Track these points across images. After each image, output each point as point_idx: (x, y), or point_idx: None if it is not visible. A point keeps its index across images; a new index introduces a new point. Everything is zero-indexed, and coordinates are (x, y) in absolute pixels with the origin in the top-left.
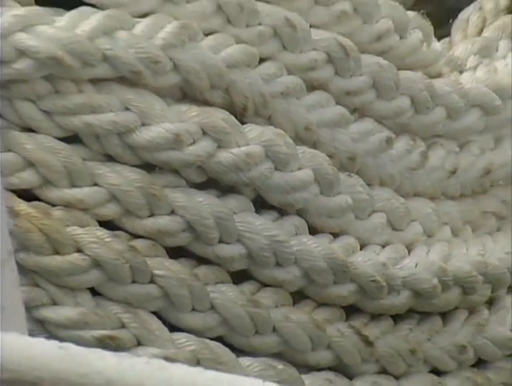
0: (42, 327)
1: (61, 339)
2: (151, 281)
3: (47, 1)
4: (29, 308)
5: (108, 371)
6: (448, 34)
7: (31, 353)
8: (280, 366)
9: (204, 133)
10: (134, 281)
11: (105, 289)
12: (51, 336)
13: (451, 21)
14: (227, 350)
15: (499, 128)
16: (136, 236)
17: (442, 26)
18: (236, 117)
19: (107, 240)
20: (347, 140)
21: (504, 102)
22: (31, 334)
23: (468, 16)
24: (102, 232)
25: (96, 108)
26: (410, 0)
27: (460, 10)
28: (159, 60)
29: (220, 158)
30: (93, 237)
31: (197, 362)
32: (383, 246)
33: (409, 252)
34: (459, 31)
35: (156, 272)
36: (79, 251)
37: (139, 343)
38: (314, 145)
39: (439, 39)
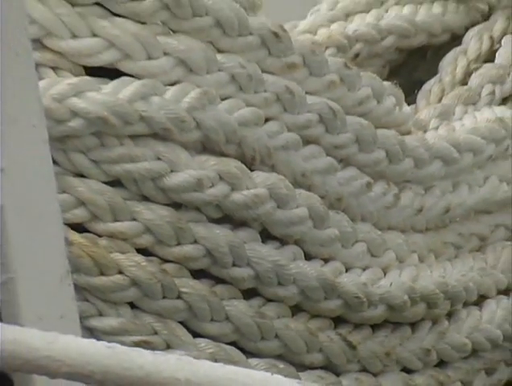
0: (90, 334)
1: None
2: (178, 297)
3: (95, 72)
4: (80, 318)
5: (147, 366)
6: (414, 102)
7: (85, 351)
8: (281, 365)
9: (221, 178)
10: (164, 297)
11: (141, 303)
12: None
13: (416, 91)
14: (239, 352)
15: (457, 175)
16: (166, 261)
17: (409, 95)
18: (246, 166)
19: (143, 264)
20: (335, 184)
21: (460, 155)
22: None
23: (430, 87)
24: (139, 258)
25: (134, 158)
26: (384, 73)
27: (423, 82)
28: (185, 120)
29: (234, 198)
30: (132, 262)
31: (215, 362)
32: (364, 269)
33: (384, 275)
34: (423, 99)
35: (182, 289)
36: (120, 273)
37: (168, 347)
38: (309, 188)
39: (407, 105)
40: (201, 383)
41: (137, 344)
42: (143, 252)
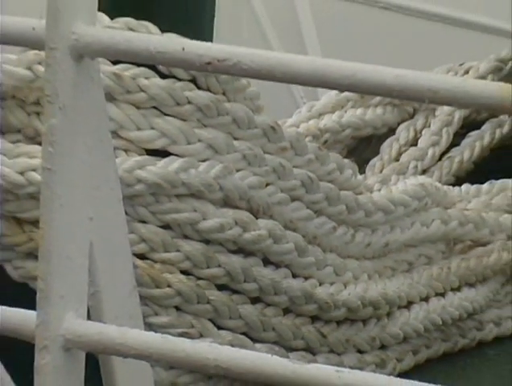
0: (150, 328)
1: None
2: (207, 303)
3: (152, 152)
4: (143, 317)
5: (187, 349)
6: (364, 172)
7: (146, 340)
8: (277, 348)
9: (236, 223)
10: (198, 303)
11: (183, 306)
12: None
13: (365, 165)
14: (248, 340)
15: (393, 221)
16: (199, 278)
17: (360, 168)
18: (253, 215)
19: (184, 280)
20: (312, 227)
21: (395, 208)
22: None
23: (375, 163)
24: (182, 276)
25: (178, 210)
26: (344, 153)
27: (370, 160)
28: (212, 185)
29: (245, 236)
30: (177, 279)
31: (232, 346)
32: (331, 284)
33: (345, 287)
34: (370, 171)
35: (210, 297)
36: (169, 286)
37: (201, 336)
38: (294, 230)
39: (360, 174)
40: (224, 361)
41: (180, 335)
42: (184, 272)
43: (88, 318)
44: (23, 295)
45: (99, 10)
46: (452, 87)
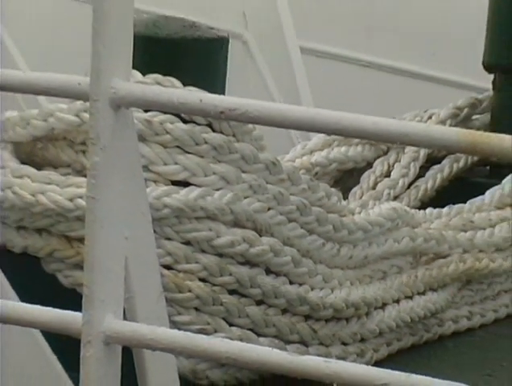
0: (174, 325)
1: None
2: (221, 304)
3: (176, 183)
4: (168, 317)
5: (204, 344)
6: (347, 199)
7: (171, 335)
8: (276, 341)
9: (244, 240)
10: (213, 304)
11: (201, 307)
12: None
13: (348, 193)
14: (254, 334)
15: (370, 238)
16: (214, 285)
17: (344, 195)
18: (257, 233)
19: (202, 286)
20: (305, 244)
21: (372, 227)
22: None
23: (356, 191)
24: (200, 283)
25: (197, 229)
26: (331, 183)
27: (351, 188)
28: (224, 209)
29: (251, 251)
30: (196, 285)
31: (241, 340)
32: (320, 289)
33: (332, 292)
34: (352, 198)
35: (223, 300)
36: (190, 291)
37: (216, 332)
38: (291, 246)
39: (344, 200)
40: (234, 353)
41: (198, 331)
42: (202, 280)
43: (124, 318)
44: (73, 298)
45: (133, 67)
46: (418, 131)
